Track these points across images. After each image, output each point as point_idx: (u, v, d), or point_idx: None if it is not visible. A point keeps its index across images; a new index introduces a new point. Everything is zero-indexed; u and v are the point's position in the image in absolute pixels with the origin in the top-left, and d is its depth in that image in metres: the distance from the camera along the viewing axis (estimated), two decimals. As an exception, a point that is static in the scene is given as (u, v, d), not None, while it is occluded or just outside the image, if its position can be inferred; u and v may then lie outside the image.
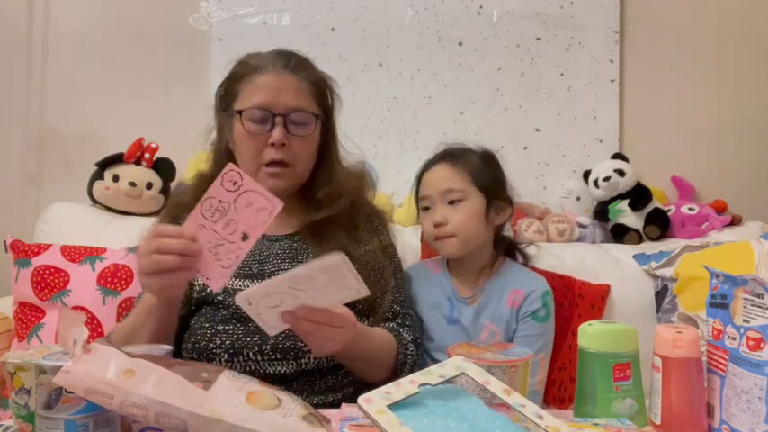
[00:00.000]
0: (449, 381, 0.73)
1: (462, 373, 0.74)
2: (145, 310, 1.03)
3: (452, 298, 1.31)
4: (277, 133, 1.12)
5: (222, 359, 1.08)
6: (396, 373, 1.14)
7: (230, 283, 1.11)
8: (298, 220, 1.21)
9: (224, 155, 1.22)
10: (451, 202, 1.27)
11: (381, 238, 1.26)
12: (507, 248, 1.39)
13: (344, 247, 1.17)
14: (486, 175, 1.30)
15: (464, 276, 1.33)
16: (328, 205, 1.18)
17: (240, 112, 1.14)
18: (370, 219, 1.26)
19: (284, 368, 1.08)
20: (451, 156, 1.31)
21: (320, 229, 1.18)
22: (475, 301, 1.30)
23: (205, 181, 1.24)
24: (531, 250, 1.44)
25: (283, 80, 1.15)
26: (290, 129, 1.13)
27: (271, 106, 1.13)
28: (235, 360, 1.08)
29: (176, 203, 1.27)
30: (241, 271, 1.13)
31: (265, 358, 1.08)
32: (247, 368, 1.07)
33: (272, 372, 1.08)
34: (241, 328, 1.08)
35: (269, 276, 1.13)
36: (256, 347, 1.07)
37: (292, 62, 1.18)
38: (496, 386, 0.72)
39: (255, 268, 1.14)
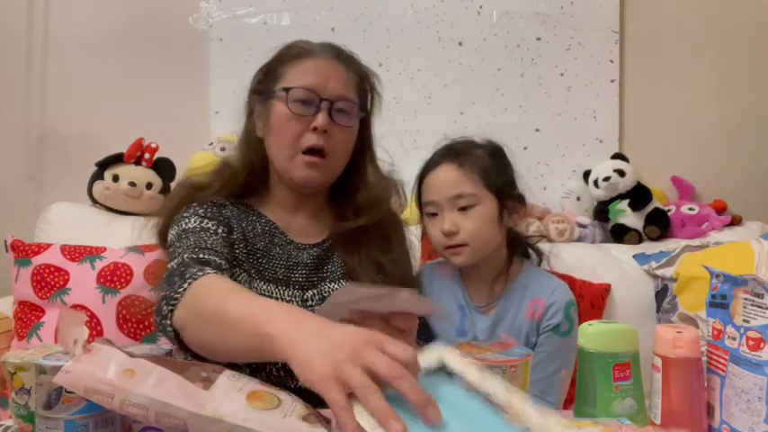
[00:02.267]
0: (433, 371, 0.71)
1: (443, 364, 0.72)
2: (255, 337, 0.72)
3: (465, 306, 1.22)
4: (321, 118, 1.07)
5: (245, 372, 1.03)
6: None
7: (255, 285, 1.05)
8: (325, 227, 1.17)
9: (254, 141, 1.15)
10: (462, 208, 1.15)
11: (404, 245, 1.23)
12: (518, 244, 1.29)
13: (376, 257, 1.13)
14: (497, 174, 1.18)
15: (478, 283, 1.23)
16: (367, 212, 1.13)
17: (287, 90, 1.08)
18: (394, 227, 1.22)
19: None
20: (457, 154, 1.19)
21: (353, 237, 1.13)
22: (490, 310, 1.21)
23: (240, 170, 1.15)
24: (543, 248, 1.34)
25: (333, 67, 1.12)
26: (334, 116, 1.09)
27: (319, 89, 1.08)
28: (257, 375, 1.04)
29: (197, 186, 1.15)
30: (266, 273, 1.08)
31: (288, 375, 1.02)
32: (269, 382, 1.03)
33: (292, 387, 1.05)
34: None
35: (294, 284, 1.08)
36: (280, 363, 1.01)
37: (343, 54, 1.16)
38: (473, 375, 0.70)
39: (281, 273, 1.09)
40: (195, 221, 1.06)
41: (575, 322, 1.19)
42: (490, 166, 1.18)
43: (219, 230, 1.05)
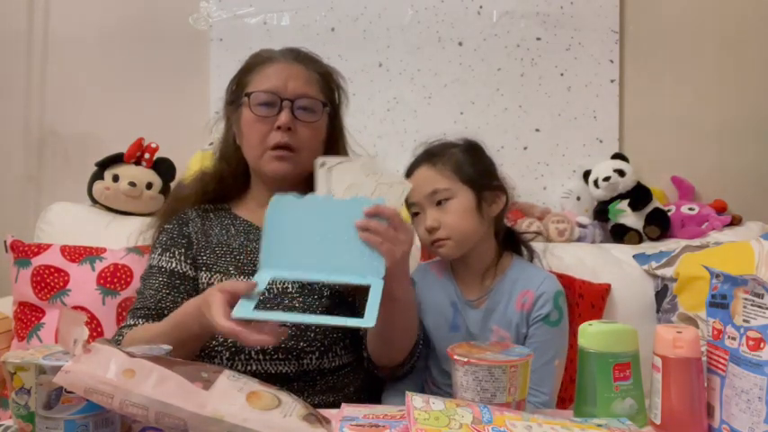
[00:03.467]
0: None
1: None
2: (183, 331, 0.99)
3: (457, 302, 1.25)
4: (284, 116, 1.12)
5: (224, 357, 1.08)
6: (410, 355, 1.14)
7: (235, 280, 1.11)
8: None
9: (231, 149, 1.23)
10: (439, 203, 1.20)
11: None
12: (511, 241, 1.32)
13: None
14: (470, 167, 1.22)
15: (469, 277, 1.26)
16: None
17: (249, 95, 1.15)
18: None
19: (286, 368, 1.08)
20: (431, 155, 1.25)
21: None
22: (482, 303, 1.24)
23: (210, 178, 1.24)
24: (537, 247, 1.37)
25: (293, 69, 1.17)
26: (297, 114, 1.14)
27: (279, 91, 1.14)
28: (236, 359, 1.07)
29: (178, 198, 1.28)
30: (245, 268, 1.14)
31: (267, 358, 1.08)
32: (249, 367, 1.07)
33: (273, 371, 1.08)
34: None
35: None
36: (258, 346, 1.07)
37: (301, 54, 1.21)
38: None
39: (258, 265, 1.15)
40: (156, 257, 1.19)
41: (564, 312, 1.22)
42: (463, 161, 1.23)
43: (171, 265, 1.16)
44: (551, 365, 1.18)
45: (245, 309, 0.87)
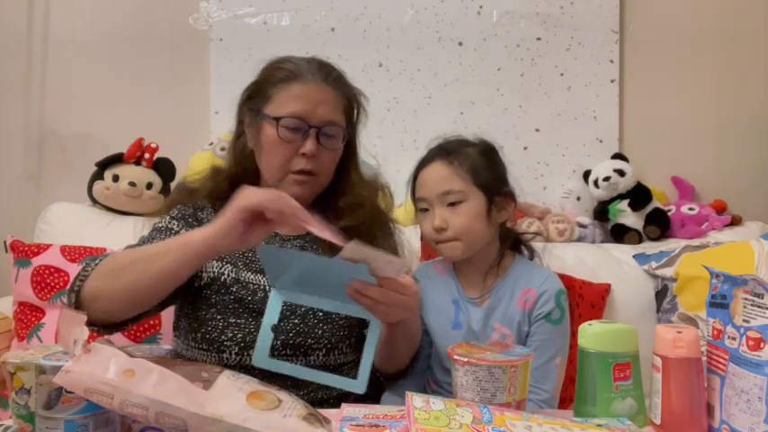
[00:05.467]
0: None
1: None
2: (179, 248, 0.94)
3: (459, 300, 1.25)
4: (310, 145, 1.12)
5: (233, 352, 1.08)
6: (413, 360, 1.15)
7: (243, 276, 1.12)
8: None
9: (245, 153, 1.21)
10: (451, 204, 1.20)
11: (391, 241, 1.26)
12: (513, 242, 1.32)
13: None
14: (486, 171, 1.22)
15: (472, 276, 1.26)
16: (349, 214, 1.18)
17: (277, 119, 1.13)
18: (380, 225, 1.26)
19: (293, 364, 1.08)
20: (448, 152, 1.23)
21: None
22: (484, 301, 1.24)
23: (224, 176, 1.22)
24: (536, 246, 1.38)
25: (322, 92, 1.15)
26: (322, 141, 1.14)
27: (308, 117, 1.13)
28: (245, 354, 1.07)
29: (189, 190, 1.25)
30: (253, 265, 1.14)
31: (275, 354, 1.07)
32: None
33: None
34: (253, 322, 1.08)
35: None
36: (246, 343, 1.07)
37: (332, 75, 1.18)
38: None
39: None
40: (165, 221, 1.15)
41: (566, 310, 1.22)
42: (480, 164, 1.22)
43: (180, 228, 1.14)
44: (553, 363, 1.18)
45: (261, 356, 0.93)
